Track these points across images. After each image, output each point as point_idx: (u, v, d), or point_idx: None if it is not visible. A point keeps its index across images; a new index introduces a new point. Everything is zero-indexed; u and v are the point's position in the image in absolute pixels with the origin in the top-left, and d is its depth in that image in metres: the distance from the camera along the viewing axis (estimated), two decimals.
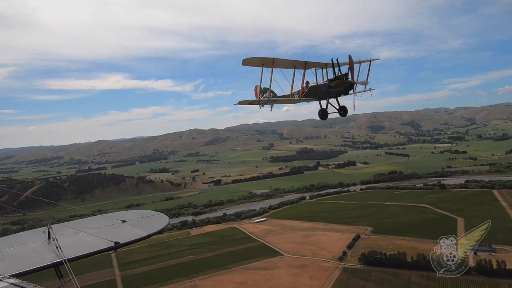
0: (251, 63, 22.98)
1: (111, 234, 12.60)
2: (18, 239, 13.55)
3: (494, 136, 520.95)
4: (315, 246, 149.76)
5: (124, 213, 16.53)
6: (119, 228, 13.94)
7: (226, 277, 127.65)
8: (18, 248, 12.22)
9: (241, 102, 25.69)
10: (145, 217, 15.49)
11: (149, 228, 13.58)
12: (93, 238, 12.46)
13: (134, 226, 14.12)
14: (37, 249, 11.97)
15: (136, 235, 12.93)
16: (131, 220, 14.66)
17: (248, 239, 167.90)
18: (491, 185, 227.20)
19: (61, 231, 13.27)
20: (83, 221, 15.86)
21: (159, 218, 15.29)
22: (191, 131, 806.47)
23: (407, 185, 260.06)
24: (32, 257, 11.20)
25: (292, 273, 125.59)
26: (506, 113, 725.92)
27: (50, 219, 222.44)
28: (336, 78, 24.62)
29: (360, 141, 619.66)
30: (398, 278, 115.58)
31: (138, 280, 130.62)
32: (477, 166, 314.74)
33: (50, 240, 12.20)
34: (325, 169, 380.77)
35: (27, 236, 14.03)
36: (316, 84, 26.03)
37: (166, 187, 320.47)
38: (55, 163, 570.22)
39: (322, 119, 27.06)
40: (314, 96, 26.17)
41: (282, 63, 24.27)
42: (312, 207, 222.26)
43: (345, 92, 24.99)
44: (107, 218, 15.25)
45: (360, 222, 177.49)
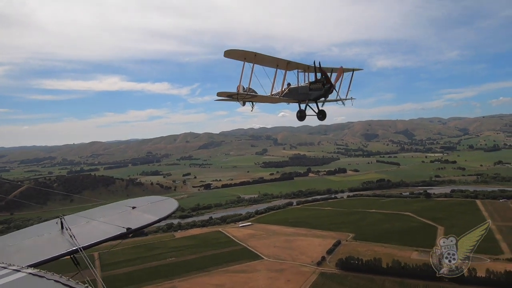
0: (233, 55, 22.85)
1: (123, 220, 12.83)
2: (32, 231, 13.87)
3: (485, 147, 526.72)
4: (295, 251, 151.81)
5: (134, 199, 16.72)
6: (129, 214, 14.22)
7: (205, 279, 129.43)
8: (33, 239, 12.46)
9: (219, 94, 25.71)
10: (155, 202, 15.83)
11: (159, 213, 13.94)
12: (105, 225, 12.67)
13: (144, 211, 14.42)
14: (51, 239, 12.18)
15: (146, 220, 13.24)
16: (141, 206, 14.95)
17: (231, 242, 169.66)
18: (475, 195, 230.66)
19: (73, 221, 13.46)
20: (94, 210, 16.20)
21: (168, 203, 15.68)
22: (186, 134, 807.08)
23: (393, 193, 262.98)
24: (47, 247, 11.46)
25: (270, 277, 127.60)
26: (498, 124, 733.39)
27: (37, 219, 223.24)
28: (317, 81, 24.86)
29: (353, 149, 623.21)
30: (372, 284, 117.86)
31: (118, 281, 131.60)
32: (464, 176, 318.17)
33: (63, 230, 12.37)
34: (315, 175, 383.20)
35: (41, 228, 14.26)
36: (297, 86, 26.18)
37: (156, 190, 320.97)
38: (47, 164, 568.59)
39: (299, 120, 27.28)
40: (294, 97, 26.25)
41: (264, 60, 24.03)
42: (297, 213, 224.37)
43: (325, 96, 25.15)
44: (118, 206, 15.62)
45: (342, 229, 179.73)
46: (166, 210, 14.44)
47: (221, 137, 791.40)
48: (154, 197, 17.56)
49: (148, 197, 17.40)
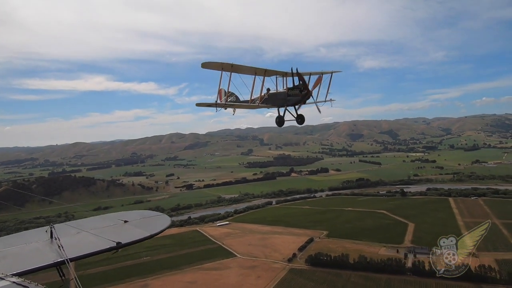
0: (210, 66, 23.49)
1: (113, 234, 12.66)
2: (20, 238, 13.72)
3: (465, 147, 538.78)
4: (269, 248, 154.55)
5: (126, 213, 16.66)
6: (121, 228, 14.07)
7: (178, 277, 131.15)
8: (20, 247, 12.24)
9: (198, 104, 26.11)
10: (147, 217, 15.67)
11: (151, 229, 13.73)
12: (95, 237, 12.53)
13: (136, 226, 14.24)
14: (39, 248, 12.01)
15: (138, 236, 13.05)
16: (133, 221, 14.79)
17: (207, 241, 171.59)
18: (448, 193, 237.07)
19: (63, 230, 13.36)
20: (85, 220, 16.08)
21: (161, 219, 15.48)
22: (171, 135, 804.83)
23: (371, 192, 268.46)
24: (34, 256, 11.26)
25: (241, 274, 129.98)
26: (480, 124, 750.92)
27: (14, 221, 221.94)
28: (295, 87, 25.35)
29: (338, 149, 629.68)
30: (339, 278, 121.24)
31: (92, 280, 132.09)
32: (442, 175, 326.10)
33: (52, 239, 12.22)
34: (298, 175, 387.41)
35: (29, 235, 14.16)
36: (275, 92, 26.67)
37: (137, 191, 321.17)
38: (28, 165, 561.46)
39: (278, 126, 27.77)
40: (273, 103, 26.76)
41: (242, 69, 24.59)
42: (276, 211, 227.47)
43: (303, 101, 25.65)
44: (109, 218, 15.46)
45: (317, 226, 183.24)
46: (159, 226, 14.18)
47: (207, 138, 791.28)
48: (147, 212, 17.50)
49: (141, 212, 17.47)
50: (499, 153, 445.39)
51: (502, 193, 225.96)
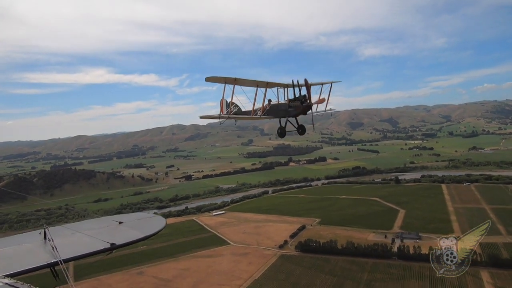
0: (214, 80, 24.01)
1: (108, 235, 12.73)
2: (13, 240, 13.71)
3: (464, 133, 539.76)
4: (262, 236, 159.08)
5: (122, 215, 16.68)
6: (115, 229, 14.14)
7: (172, 264, 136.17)
8: (13, 248, 12.23)
9: (202, 117, 27.45)
10: (142, 219, 15.83)
11: (146, 230, 13.88)
12: (89, 239, 12.55)
13: (131, 227, 14.32)
14: (32, 250, 12.04)
15: (132, 237, 13.12)
16: (128, 222, 14.87)
17: (202, 230, 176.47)
18: (442, 180, 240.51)
19: (58, 232, 13.36)
20: (80, 223, 16.43)
21: (155, 220, 15.64)
22: (172, 126, 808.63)
23: (366, 180, 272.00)
24: (27, 257, 11.26)
25: (233, 260, 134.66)
26: (480, 110, 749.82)
27: (16, 213, 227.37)
28: (296, 99, 25.69)
29: (337, 138, 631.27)
30: (327, 263, 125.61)
31: (89, 269, 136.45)
32: (438, 162, 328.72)
33: (46, 241, 12.20)
34: (296, 164, 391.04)
35: (23, 236, 14.38)
36: (277, 103, 27.02)
37: (137, 182, 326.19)
38: (31, 159, 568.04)
39: (280, 137, 27.99)
40: (274, 114, 27.14)
41: (244, 82, 24.99)
42: (271, 200, 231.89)
43: (303, 113, 26.01)
44: (104, 220, 15.58)
45: (311, 214, 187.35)
46: (153, 227, 14.38)
47: (207, 129, 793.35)
48: (142, 213, 18.38)
49: (136, 213, 17.65)
50: (497, 140, 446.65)
51: (494, 179, 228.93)
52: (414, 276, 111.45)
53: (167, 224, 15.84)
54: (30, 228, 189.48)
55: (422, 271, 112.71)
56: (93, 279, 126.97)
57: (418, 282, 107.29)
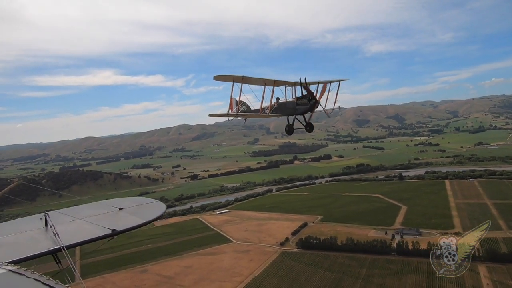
0: (222, 79, 24.52)
1: (108, 221, 12.72)
2: (14, 226, 13.60)
3: (471, 129, 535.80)
4: (264, 233, 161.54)
5: (121, 200, 16.67)
6: (116, 215, 14.09)
7: (176, 262, 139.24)
8: (15, 235, 12.20)
9: (211, 115, 27.93)
10: (142, 204, 15.72)
11: (146, 216, 13.83)
12: (90, 225, 12.53)
13: (131, 213, 14.27)
14: (34, 236, 11.97)
15: (133, 223, 13.10)
16: (128, 208, 14.83)
17: (206, 229, 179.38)
18: (445, 176, 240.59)
19: (58, 218, 13.26)
20: (80, 208, 16.05)
21: (155, 206, 15.56)
22: (179, 126, 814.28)
23: (370, 177, 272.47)
24: (29, 244, 11.23)
25: (235, 257, 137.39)
26: (487, 105, 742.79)
27: (25, 214, 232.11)
28: (303, 97, 25.84)
29: (343, 135, 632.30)
30: (326, 259, 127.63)
31: (95, 267, 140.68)
32: (442, 158, 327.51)
33: (47, 227, 12.17)
34: (301, 162, 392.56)
35: (23, 223, 14.08)
36: (285, 101, 27.17)
37: (144, 182, 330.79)
38: (40, 161, 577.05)
39: (288, 134, 28.49)
40: (282, 112, 27.29)
41: (252, 80, 25.25)
42: (275, 198, 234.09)
43: (311, 110, 26.09)
44: (104, 206, 15.43)
45: (313, 212, 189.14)
46: (153, 213, 14.41)
47: (214, 128, 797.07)
48: (142, 198, 17.67)
49: (136, 198, 17.64)
50: (504, 135, 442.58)
51: (498, 174, 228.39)
52: (412, 271, 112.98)
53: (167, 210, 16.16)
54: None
55: (420, 266, 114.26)
56: (99, 276, 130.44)
57: (415, 277, 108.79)
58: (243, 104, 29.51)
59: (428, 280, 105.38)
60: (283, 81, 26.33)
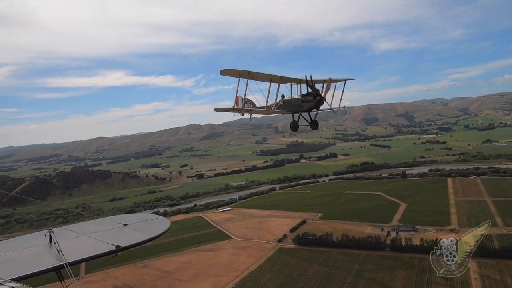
0: (228, 73, 24.52)
1: (112, 237, 12.83)
2: (19, 243, 13.67)
3: (480, 126, 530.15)
4: (263, 230, 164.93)
5: (125, 216, 16.97)
6: (120, 231, 14.15)
7: (176, 257, 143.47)
8: (19, 252, 12.20)
9: (217, 109, 27.94)
10: (146, 220, 15.83)
11: (150, 232, 13.97)
12: (94, 241, 12.61)
13: (135, 229, 14.33)
14: (38, 253, 12.01)
15: (137, 239, 13.20)
16: (132, 224, 14.87)
17: (208, 226, 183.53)
18: (448, 174, 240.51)
19: (62, 234, 13.34)
20: (84, 224, 16.29)
21: (160, 222, 15.76)
22: (188, 126, 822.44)
23: (373, 175, 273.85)
24: (33, 261, 11.26)
25: (233, 253, 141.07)
26: (499, 102, 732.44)
27: (36, 213, 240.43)
28: (309, 94, 25.78)
29: (351, 134, 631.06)
30: (322, 255, 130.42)
31: (99, 262, 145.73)
32: (448, 156, 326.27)
33: (51, 244, 12.22)
34: (307, 161, 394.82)
35: (28, 239, 14.15)
36: (290, 98, 27.15)
37: (151, 182, 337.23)
38: (53, 161, 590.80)
39: (293, 131, 28.20)
40: (288, 109, 27.30)
41: (258, 76, 25.35)
42: (277, 197, 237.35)
43: (316, 107, 25.97)
44: (108, 222, 15.53)
45: (313, 209, 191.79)
46: (157, 229, 14.50)
47: (223, 128, 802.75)
48: (146, 214, 18.00)
49: (140, 215, 18.07)
50: None
51: (502, 172, 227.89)
52: (403, 266, 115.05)
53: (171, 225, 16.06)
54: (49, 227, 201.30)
55: (411, 261, 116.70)
56: (102, 272, 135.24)
57: (406, 272, 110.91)
58: (249, 101, 29.61)
59: (418, 275, 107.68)
60: (289, 78, 26.38)
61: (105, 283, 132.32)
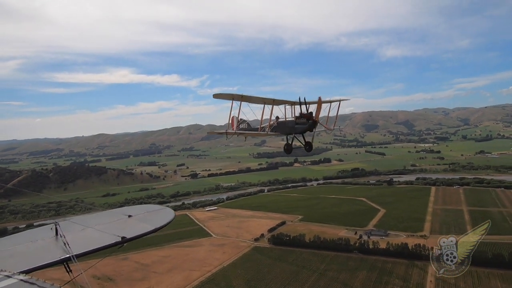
0: (221, 97, 24.59)
1: (118, 229, 12.82)
2: (26, 236, 13.75)
3: (478, 137, 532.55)
4: (242, 230, 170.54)
5: (130, 208, 16.87)
6: (125, 223, 14.22)
7: (156, 252, 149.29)
8: (26, 245, 12.37)
9: (209, 133, 32.70)
10: (151, 211, 15.86)
11: (155, 223, 13.99)
12: (100, 233, 12.72)
13: (140, 220, 14.44)
14: (45, 246, 12.21)
15: (142, 230, 13.17)
16: (137, 215, 14.96)
17: (191, 223, 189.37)
18: (434, 182, 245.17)
19: (68, 227, 13.39)
20: (90, 216, 16.69)
21: (164, 212, 15.79)
22: (190, 126, 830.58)
23: (361, 181, 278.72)
24: (40, 254, 11.51)
25: (210, 250, 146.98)
26: (500, 114, 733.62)
27: (30, 205, 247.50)
28: (302, 116, 25.89)
29: (349, 140, 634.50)
30: (292, 254, 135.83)
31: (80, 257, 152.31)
32: (439, 165, 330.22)
33: (58, 237, 12.39)
34: (300, 165, 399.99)
35: (35, 233, 14.18)
36: (284, 120, 27.31)
37: (145, 179, 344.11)
38: (54, 155, 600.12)
39: (286, 153, 28.82)
40: (281, 130, 27.46)
41: (251, 99, 25.32)
42: (264, 198, 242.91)
43: (310, 130, 26.12)
44: (114, 213, 15.57)
45: (295, 212, 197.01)
46: (162, 220, 14.59)
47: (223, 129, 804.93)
48: (151, 206, 17.99)
49: (145, 206, 17.91)
50: (510, 144, 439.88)
51: (486, 183, 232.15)
52: (366, 267, 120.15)
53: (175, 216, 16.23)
54: (41, 218, 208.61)
55: (375, 263, 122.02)
56: (84, 262, 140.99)
57: (368, 273, 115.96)
58: (243, 121, 29.78)
59: (378, 276, 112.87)
60: (282, 100, 26.53)
61: (85, 273, 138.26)
